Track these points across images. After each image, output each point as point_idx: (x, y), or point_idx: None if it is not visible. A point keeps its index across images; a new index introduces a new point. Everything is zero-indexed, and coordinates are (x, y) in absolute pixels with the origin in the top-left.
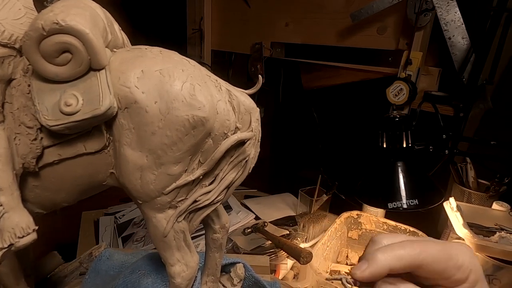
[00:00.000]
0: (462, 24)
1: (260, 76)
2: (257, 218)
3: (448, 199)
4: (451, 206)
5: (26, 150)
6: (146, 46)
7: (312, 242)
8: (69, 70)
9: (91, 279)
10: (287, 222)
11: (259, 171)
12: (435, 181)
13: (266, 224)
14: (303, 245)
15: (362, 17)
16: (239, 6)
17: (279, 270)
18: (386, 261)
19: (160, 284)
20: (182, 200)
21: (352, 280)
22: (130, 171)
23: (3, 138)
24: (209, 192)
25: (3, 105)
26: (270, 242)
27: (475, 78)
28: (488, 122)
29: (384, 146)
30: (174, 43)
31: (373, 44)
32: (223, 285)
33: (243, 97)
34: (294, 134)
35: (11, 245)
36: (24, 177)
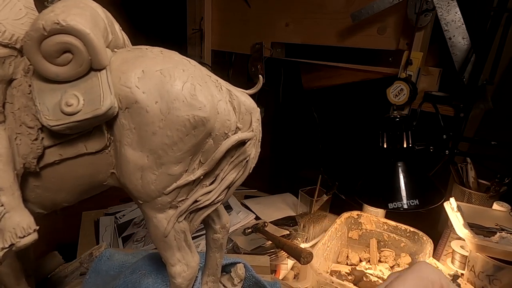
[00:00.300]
0: (463, 24)
1: (261, 76)
2: (258, 218)
3: (449, 199)
4: (452, 206)
5: (27, 150)
6: (147, 46)
7: (313, 242)
8: (70, 70)
9: (92, 279)
10: (288, 222)
11: (259, 171)
12: (436, 181)
13: (267, 224)
14: (304, 245)
15: (363, 17)
16: (240, 6)
17: (280, 270)
18: None
19: (161, 284)
20: (183, 200)
21: None
22: (131, 171)
23: (4, 138)
24: (210, 192)
25: (4, 105)
26: (271, 242)
27: (476, 78)
28: (489, 122)
29: (385, 146)
30: (174, 43)
31: (374, 44)
32: (224, 285)
33: (244, 97)
34: (294, 134)
35: (12, 245)
36: (25, 177)
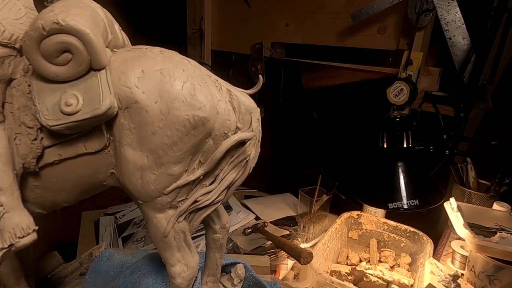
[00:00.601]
0: (463, 24)
1: (261, 76)
2: (257, 218)
3: (449, 200)
4: (452, 207)
5: (27, 150)
6: (147, 46)
7: (313, 242)
8: (70, 70)
9: (91, 279)
10: (287, 222)
11: (259, 171)
12: (436, 181)
13: (267, 224)
14: (304, 245)
15: (363, 17)
16: (240, 6)
17: (280, 271)
18: None
19: (161, 285)
20: (183, 200)
21: None
22: (131, 171)
23: (4, 138)
24: (210, 192)
25: (3, 105)
26: (271, 242)
27: (476, 78)
28: (489, 122)
29: (385, 146)
30: (174, 43)
31: (374, 44)
32: (224, 285)
33: (244, 97)
34: (294, 134)
35: (11, 245)
36: (25, 177)
